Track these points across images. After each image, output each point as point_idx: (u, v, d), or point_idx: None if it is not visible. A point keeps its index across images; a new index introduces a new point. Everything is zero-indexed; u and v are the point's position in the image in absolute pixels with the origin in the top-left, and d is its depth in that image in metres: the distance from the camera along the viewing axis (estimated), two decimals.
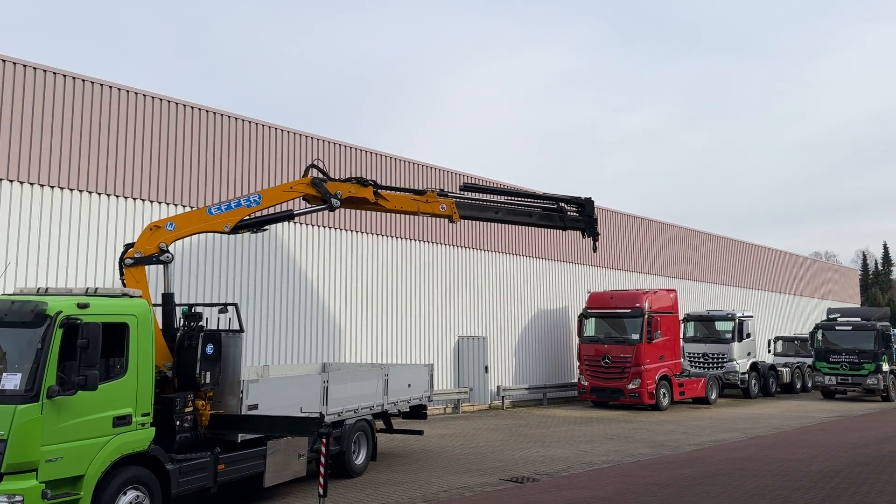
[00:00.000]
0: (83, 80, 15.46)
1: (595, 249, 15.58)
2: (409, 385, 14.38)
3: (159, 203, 16.45)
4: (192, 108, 17.36)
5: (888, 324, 30.47)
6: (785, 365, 32.34)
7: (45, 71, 14.90)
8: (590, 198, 15.27)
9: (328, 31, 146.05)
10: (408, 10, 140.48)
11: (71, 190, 15.11)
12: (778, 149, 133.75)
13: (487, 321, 24.73)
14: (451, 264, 23.71)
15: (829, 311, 32.59)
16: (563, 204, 14.99)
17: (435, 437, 17.08)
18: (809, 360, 31.86)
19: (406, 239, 22.21)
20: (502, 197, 15.13)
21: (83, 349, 7.56)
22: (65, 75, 15.17)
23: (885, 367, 28.65)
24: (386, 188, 13.06)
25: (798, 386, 32.41)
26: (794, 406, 26.62)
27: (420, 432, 14.92)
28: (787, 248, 47.55)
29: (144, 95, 16.48)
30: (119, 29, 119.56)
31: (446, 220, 13.76)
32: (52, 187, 14.85)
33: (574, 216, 15.27)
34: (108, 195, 15.68)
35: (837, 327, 29.98)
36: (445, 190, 14.95)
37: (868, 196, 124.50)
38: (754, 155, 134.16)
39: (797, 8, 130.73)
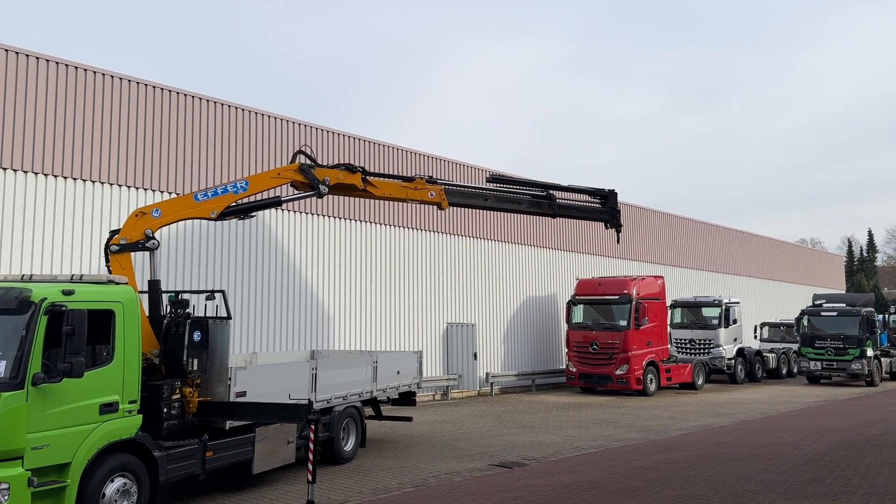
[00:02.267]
0: (67, 66, 15.26)
1: (618, 241, 16.08)
2: (399, 372, 14.39)
3: (145, 189, 16.32)
4: (179, 93, 17.19)
5: (872, 309, 30.77)
6: (771, 350, 32.62)
7: (27, 56, 14.69)
8: (613, 190, 15.65)
9: (316, 16, 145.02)
10: None
11: (56, 176, 14.95)
12: (765, 136, 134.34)
13: (476, 308, 24.76)
14: (441, 251, 23.69)
15: (815, 297, 32.85)
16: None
17: (424, 424, 17.13)
18: (795, 346, 32.15)
19: (395, 226, 22.16)
20: (491, 185, 15.13)
21: (68, 336, 7.50)
22: (48, 60, 14.97)
23: (870, 352, 28.96)
24: (375, 175, 13.01)
25: (784, 371, 32.70)
26: (780, 391, 26.88)
27: (409, 419, 14.96)
28: (773, 234, 47.92)
29: (129, 81, 16.30)
30: (103, 14, 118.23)
31: (435, 207, 13.72)
32: (36, 174, 14.68)
33: (597, 208, 15.72)
34: (94, 182, 15.53)
35: (823, 313, 30.22)
36: (434, 177, 14.93)
37: (854, 183, 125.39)
38: (742, 142, 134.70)
39: None
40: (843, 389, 27.83)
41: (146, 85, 16.58)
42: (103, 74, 15.85)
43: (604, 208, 15.58)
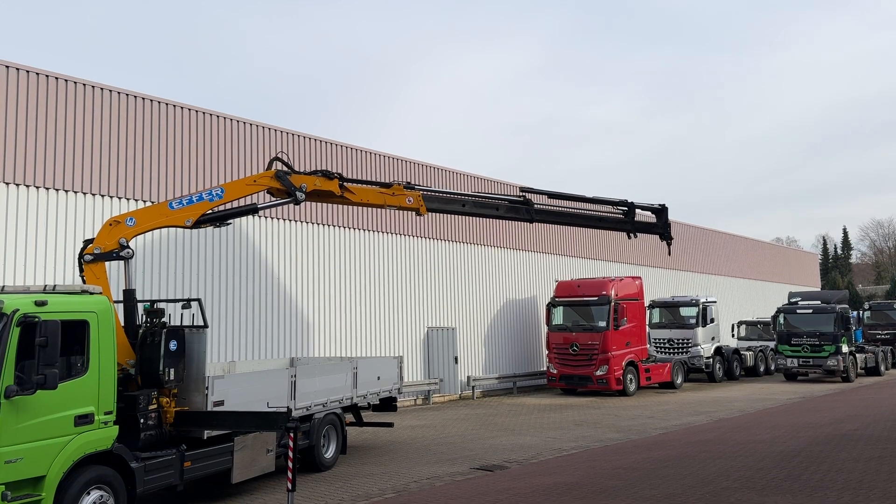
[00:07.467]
0: (38, 74, 15.08)
1: (669, 253, 16.95)
2: (379, 377, 14.36)
3: (119, 198, 16.16)
4: (153, 100, 17.05)
5: (847, 306, 31.17)
6: (748, 349, 32.99)
7: None
8: (664, 205, 16.54)
9: (294, 22, 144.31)
10: (375, 2, 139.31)
11: (27, 186, 14.76)
12: (740, 138, 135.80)
13: (456, 312, 24.78)
14: (419, 256, 23.69)
15: (791, 294, 33.25)
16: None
17: (405, 429, 17.10)
18: (772, 344, 32.52)
19: (373, 231, 22.13)
20: (470, 189, 15.25)
21: (42, 347, 7.42)
22: (18, 69, 14.77)
23: (845, 348, 29.35)
24: (352, 181, 12.99)
25: (761, 369, 33.07)
26: (758, 389, 27.17)
27: (390, 424, 14.93)
28: (750, 234, 48.45)
29: (102, 88, 16.14)
30: (70, 18, 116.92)
31: (413, 213, 13.74)
32: (7, 184, 14.48)
33: (649, 223, 16.64)
34: (67, 191, 15.35)
35: (798, 311, 30.60)
36: (413, 182, 14.93)
37: (828, 182, 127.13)
38: (717, 144, 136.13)
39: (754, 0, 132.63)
40: (819, 386, 28.19)
41: (119, 92, 16.43)
42: (74, 82, 15.68)
43: (656, 223, 16.56)
